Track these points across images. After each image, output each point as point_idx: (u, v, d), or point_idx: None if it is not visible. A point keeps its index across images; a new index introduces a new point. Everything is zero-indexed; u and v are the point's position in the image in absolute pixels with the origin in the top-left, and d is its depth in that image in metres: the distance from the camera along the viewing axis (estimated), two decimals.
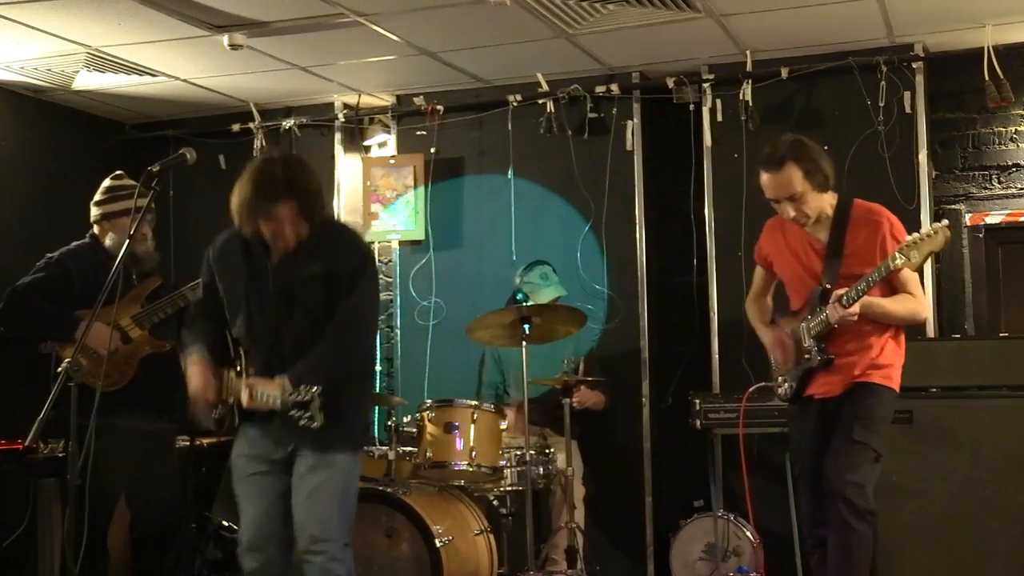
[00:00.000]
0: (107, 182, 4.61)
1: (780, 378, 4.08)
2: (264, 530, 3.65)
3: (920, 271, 3.59)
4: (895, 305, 3.83)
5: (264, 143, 6.40)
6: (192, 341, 3.74)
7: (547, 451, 5.05)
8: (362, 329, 3.69)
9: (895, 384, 3.90)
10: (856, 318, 3.72)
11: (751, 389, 4.81)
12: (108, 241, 4.54)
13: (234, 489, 3.76)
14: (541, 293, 5.41)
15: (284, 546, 3.69)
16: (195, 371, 3.66)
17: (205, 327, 3.76)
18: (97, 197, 4.59)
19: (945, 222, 3.60)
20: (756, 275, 4.29)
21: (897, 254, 3.58)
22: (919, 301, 3.88)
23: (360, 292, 3.64)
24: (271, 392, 3.49)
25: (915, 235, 3.59)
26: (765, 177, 3.87)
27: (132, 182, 4.51)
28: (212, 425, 3.73)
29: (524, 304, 5.31)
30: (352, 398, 3.69)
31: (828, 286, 3.82)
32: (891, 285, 3.85)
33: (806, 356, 3.92)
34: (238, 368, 3.68)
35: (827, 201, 3.91)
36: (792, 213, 3.86)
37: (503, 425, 4.93)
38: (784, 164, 3.81)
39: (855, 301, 3.69)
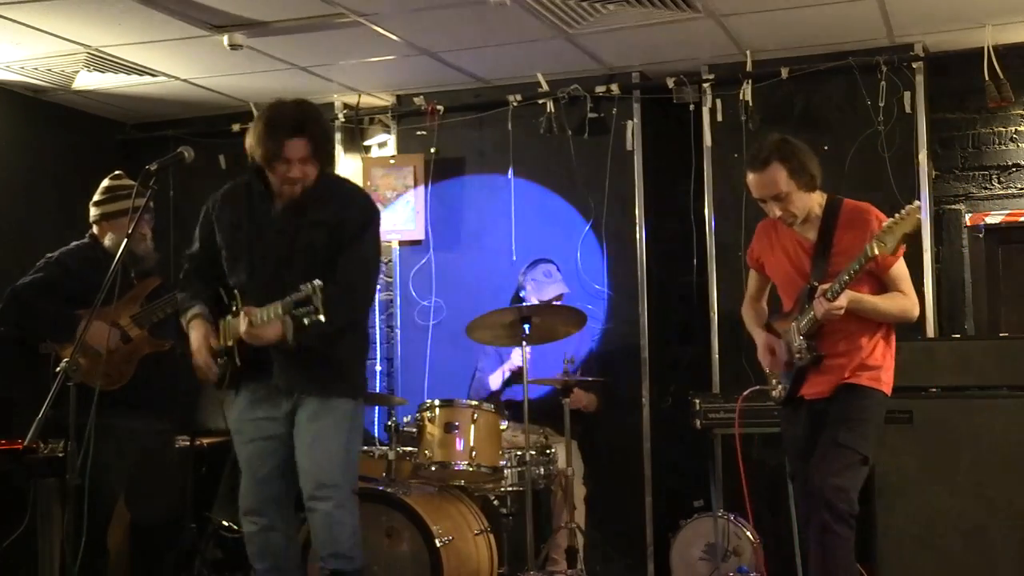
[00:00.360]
0: (106, 182, 4.61)
1: (774, 380, 4.09)
2: (264, 494, 3.69)
3: (919, 264, 3.59)
4: (886, 303, 3.83)
5: None
6: (190, 300, 3.76)
7: (547, 451, 5.06)
8: (366, 276, 3.73)
9: (885, 386, 3.89)
10: (842, 311, 3.70)
11: (746, 392, 4.80)
12: (107, 241, 4.54)
13: (235, 451, 3.78)
14: (544, 290, 5.44)
15: (284, 510, 3.73)
16: (197, 324, 3.68)
17: (200, 286, 3.78)
18: (96, 197, 4.59)
19: (917, 204, 3.58)
20: (750, 279, 4.29)
21: (873, 242, 3.58)
22: (910, 299, 3.87)
23: (364, 241, 3.69)
24: (268, 308, 3.46)
25: (888, 221, 3.59)
26: (751, 177, 3.89)
27: (131, 182, 4.50)
28: (214, 379, 3.72)
29: (524, 301, 5.39)
30: (350, 348, 3.73)
31: (816, 284, 3.82)
32: (882, 283, 3.85)
33: (797, 355, 3.91)
34: (234, 308, 3.67)
35: (815, 200, 3.91)
36: (778, 212, 3.87)
37: (503, 425, 4.93)
38: (769, 163, 3.82)
39: (839, 294, 3.68)
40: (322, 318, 3.35)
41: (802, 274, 3.93)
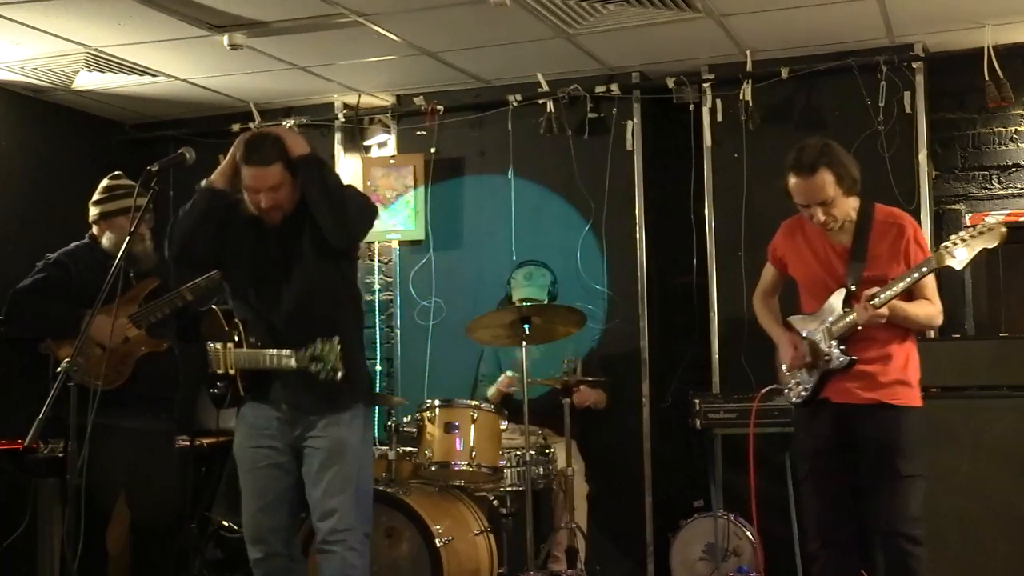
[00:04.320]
0: (105, 182, 4.61)
1: (793, 381, 4.02)
2: (269, 522, 3.68)
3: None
4: (916, 309, 3.81)
5: None
6: None
7: (547, 451, 5.06)
8: (367, 208, 3.80)
9: (919, 400, 3.89)
10: (884, 320, 3.69)
11: (763, 391, 4.78)
12: (106, 241, 4.54)
13: (239, 478, 3.77)
14: (519, 291, 5.44)
15: (288, 536, 3.73)
16: None
17: None
18: (95, 197, 4.59)
19: (1000, 218, 3.57)
20: (766, 273, 4.24)
21: (943, 252, 3.57)
22: (936, 307, 3.86)
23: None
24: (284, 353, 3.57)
25: (965, 232, 3.57)
26: (796, 181, 3.82)
27: (130, 182, 4.51)
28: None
29: (510, 299, 5.41)
30: (354, 354, 3.72)
31: (853, 288, 3.80)
32: (909, 289, 3.81)
33: (825, 358, 3.87)
34: (236, 338, 3.70)
35: (851, 205, 3.88)
36: (822, 218, 3.82)
37: (503, 425, 4.93)
38: (817, 169, 3.77)
39: (887, 303, 3.67)
40: (339, 374, 3.48)
41: (834, 278, 3.90)
